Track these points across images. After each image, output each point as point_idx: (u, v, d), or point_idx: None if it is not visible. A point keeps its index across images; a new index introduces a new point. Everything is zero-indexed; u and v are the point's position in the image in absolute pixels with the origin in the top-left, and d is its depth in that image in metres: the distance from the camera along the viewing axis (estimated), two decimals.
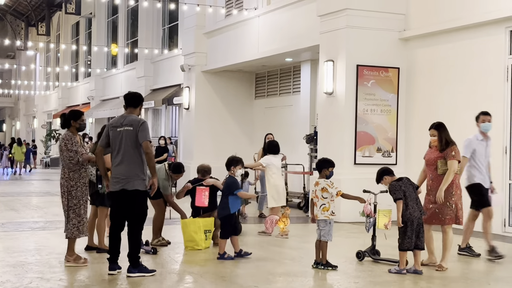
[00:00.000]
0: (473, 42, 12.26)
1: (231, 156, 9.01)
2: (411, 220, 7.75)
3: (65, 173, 8.03)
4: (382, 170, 8.16)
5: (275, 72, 19.67)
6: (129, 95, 7.74)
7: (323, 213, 7.90)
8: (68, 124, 8.19)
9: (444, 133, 8.32)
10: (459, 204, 8.14)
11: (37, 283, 6.90)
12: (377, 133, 13.49)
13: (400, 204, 7.75)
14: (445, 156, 8.11)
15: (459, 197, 8.17)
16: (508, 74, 11.55)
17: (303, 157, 16.66)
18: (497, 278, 7.70)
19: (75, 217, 7.97)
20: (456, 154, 8.14)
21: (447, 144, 8.18)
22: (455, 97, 12.62)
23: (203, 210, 9.70)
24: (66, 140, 8.01)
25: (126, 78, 29.05)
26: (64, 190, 8.01)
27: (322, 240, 7.92)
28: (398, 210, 7.74)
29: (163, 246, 9.50)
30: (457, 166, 8.09)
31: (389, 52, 13.61)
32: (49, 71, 44.11)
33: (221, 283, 7.05)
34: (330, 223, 7.92)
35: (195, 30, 20.07)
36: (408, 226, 7.75)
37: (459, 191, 8.17)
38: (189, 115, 20.37)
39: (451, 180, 8.03)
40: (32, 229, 11.30)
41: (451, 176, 8.02)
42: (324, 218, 7.89)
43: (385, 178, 8.03)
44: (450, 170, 8.02)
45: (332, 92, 13.52)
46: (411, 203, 7.80)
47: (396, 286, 7.20)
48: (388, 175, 8.06)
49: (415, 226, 7.76)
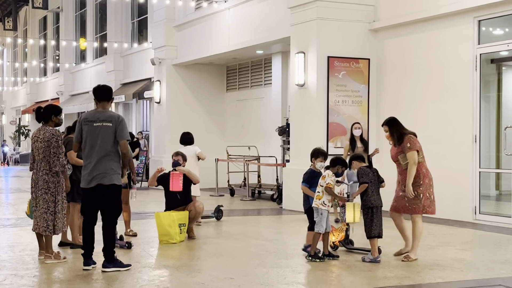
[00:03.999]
0: (441, 32, 12.39)
1: (315, 148, 8.64)
2: (376, 207, 7.87)
3: (50, 169, 7.86)
4: (353, 156, 8.29)
5: (246, 64, 19.68)
6: (100, 89, 7.61)
7: (315, 200, 7.95)
8: (46, 119, 8.03)
9: (395, 128, 8.18)
10: (427, 193, 8.01)
11: (11, 280, 6.84)
12: (348, 124, 13.55)
13: (363, 188, 7.89)
14: (403, 150, 8.03)
15: (428, 186, 8.03)
16: (477, 64, 11.70)
17: (275, 149, 16.72)
18: (469, 265, 7.82)
19: (61, 211, 7.90)
20: (412, 144, 7.98)
21: (401, 137, 8.08)
22: (424, 87, 12.75)
23: (177, 203, 9.71)
24: (57, 136, 7.83)
25: (95, 72, 28.81)
26: (49, 186, 7.84)
27: (315, 231, 7.94)
28: (359, 192, 7.91)
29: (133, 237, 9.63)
30: (416, 156, 7.94)
31: (359, 43, 13.69)
32: (17, 67, 43.56)
33: (197, 276, 7.06)
34: (321, 213, 7.93)
35: (165, 23, 19.97)
36: (374, 213, 7.87)
37: (427, 180, 8.03)
38: (161, 109, 20.29)
39: (414, 171, 7.92)
40: (4, 226, 11.18)
41: (413, 167, 7.91)
42: (315, 206, 7.94)
43: (354, 163, 8.12)
44: (411, 162, 7.91)
45: (303, 84, 13.57)
46: (375, 191, 7.93)
47: (371, 274, 7.27)
48: (357, 160, 8.15)
49: (379, 214, 7.89)
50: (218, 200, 15.96)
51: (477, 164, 11.70)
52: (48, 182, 7.87)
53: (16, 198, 16.69)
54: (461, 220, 11.64)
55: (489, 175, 12.05)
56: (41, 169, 7.91)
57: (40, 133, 7.99)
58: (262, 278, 6.96)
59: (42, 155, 7.90)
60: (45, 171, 7.88)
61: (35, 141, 8.00)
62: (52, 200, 7.86)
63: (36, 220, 7.97)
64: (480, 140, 11.72)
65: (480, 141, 11.72)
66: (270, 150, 17.20)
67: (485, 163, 11.82)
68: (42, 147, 7.90)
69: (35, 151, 8.03)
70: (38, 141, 7.96)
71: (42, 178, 7.89)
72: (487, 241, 9.76)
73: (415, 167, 7.93)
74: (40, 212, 7.90)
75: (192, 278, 6.95)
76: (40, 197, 7.90)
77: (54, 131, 7.93)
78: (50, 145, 7.85)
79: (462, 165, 11.72)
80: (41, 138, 7.93)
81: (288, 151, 14.98)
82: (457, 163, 11.86)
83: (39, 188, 7.90)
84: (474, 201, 11.67)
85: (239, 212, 13.45)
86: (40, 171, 7.91)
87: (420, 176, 8.00)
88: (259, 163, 16.63)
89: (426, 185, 8.03)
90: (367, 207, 7.93)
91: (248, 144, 17.97)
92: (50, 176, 7.87)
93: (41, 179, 7.89)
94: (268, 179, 17.19)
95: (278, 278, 6.98)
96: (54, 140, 7.83)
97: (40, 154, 7.92)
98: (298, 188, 13.55)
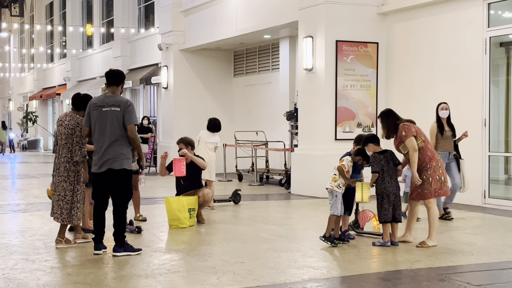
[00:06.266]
0: (450, 15, 12.31)
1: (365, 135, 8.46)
2: (387, 194, 7.85)
3: (71, 157, 7.82)
4: (369, 137, 8.16)
5: (253, 49, 19.61)
6: (111, 73, 7.59)
7: (331, 182, 7.95)
8: (79, 107, 7.99)
9: (388, 121, 8.04)
10: (436, 176, 7.86)
11: (22, 264, 6.87)
12: (357, 108, 13.55)
13: (374, 177, 7.88)
14: (401, 139, 7.91)
15: (435, 168, 7.87)
16: (487, 47, 11.62)
17: (283, 134, 16.69)
18: (480, 249, 7.81)
19: (79, 201, 7.90)
20: (407, 131, 7.82)
21: (396, 128, 7.96)
22: (433, 71, 12.69)
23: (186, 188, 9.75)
24: (82, 126, 7.75)
25: (102, 58, 28.78)
26: (69, 175, 7.82)
27: (330, 213, 7.94)
28: (371, 182, 7.91)
29: (142, 222, 9.72)
30: (414, 142, 7.80)
31: (368, 27, 13.62)
32: (24, 53, 43.55)
33: (208, 260, 7.07)
34: (336, 195, 7.92)
35: (172, 8, 19.90)
36: (385, 199, 7.86)
37: (434, 163, 7.88)
38: (168, 94, 20.28)
39: (416, 158, 7.80)
40: (14, 212, 11.22)
41: (414, 154, 7.79)
42: (330, 188, 7.93)
43: (369, 146, 8.05)
44: (411, 150, 7.80)
45: (311, 68, 13.52)
46: (388, 178, 7.88)
47: (381, 258, 7.27)
48: (373, 143, 8.04)
49: (392, 199, 7.86)
50: (226, 185, 15.99)
51: (487, 148, 11.66)
52: (68, 170, 7.84)
53: (25, 184, 16.75)
54: (470, 204, 11.62)
55: (498, 159, 12.01)
56: (62, 155, 7.88)
57: (66, 118, 7.96)
58: (272, 262, 6.97)
59: (64, 141, 7.87)
60: (67, 158, 7.85)
61: (60, 125, 7.97)
62: (70, 189, 7.84)
63: (52, 205, 8.00)
64: (489, 124, 11.68)
65: (489, 125, 11.68)
66: (278, 135, 17.18)
67: (494, 147, 11.79)
68: (65, 134, 7.87)
69: (58, 135, 8.00)
70: (62, 126, 7.92)
71: (63, 165, 7.86)
72: (497, 225, 9.74)
73: (416, 153, 7.81)
74: (56, 198, 7.91)
75: (203, 262, 6.96)
76: (59, 184, 7.89)
77: (80, 120, 7.88)
78: (73, 133, 7.82)
79: (472, 149, 11.67)
80: (66, 124, 7.90)
81: (296, 136, 14.96)
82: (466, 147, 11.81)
83: (60, 174, 7.88)
84: (484, 185, 11.65)
85: (247, 197, 13.45)
86: (62, 157, 7.88)
87: (426, 160, 7.89)
88: (267, 148, 16.62)
89: (433, 168, 7.89)
90: (378, 194, 7.92)
91: (256, 129, 17.95)
92: (71, 165, 7.85)
93: (63, 166, 7.86)
94: (276, 164, 17.19)
95: (289, 262, 6.99)
96: (79, 130, 7.80)
97: (62, 139, 7.89)
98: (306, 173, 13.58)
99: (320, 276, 6.37)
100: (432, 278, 6.35)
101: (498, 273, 6.74)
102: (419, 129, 8.01)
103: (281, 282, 6.13)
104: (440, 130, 10.19)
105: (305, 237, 8.53)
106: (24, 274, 6.44)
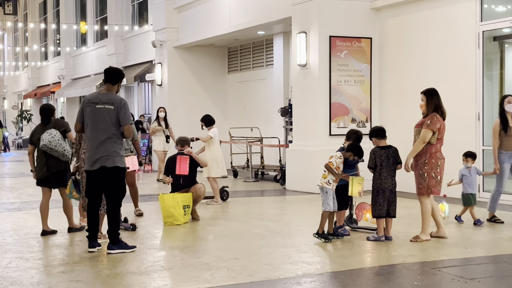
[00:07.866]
0: (444, 10, 12.32)
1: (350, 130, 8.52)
2: (382, 189, 7.88)
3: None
4: (375, 130, 8.14)
5: (247, 45, 19.59)
6: (110, 70, 7.55)
7: (320, 179, 7.95)
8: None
9: (433, 100, 7.94)
10: (432, 173, 7.80)
11: (16, 263, 6.87)
12: (351, 103, 13.55)
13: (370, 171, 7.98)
14: (422, 124, 7.85)
15: (434, 166, 7.81)
16: (480, 41, 11.64)
17: (278, 130, 16.70)
18: (474, 242, 7.83)
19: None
20: (432, 123, 7.75)
21: (434, 109, 7.87)
22: (427, 65, 12.70)
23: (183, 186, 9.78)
24: None
25: (96, 56, 28.73)
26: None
27: (322, 210, 7.94)
28: None
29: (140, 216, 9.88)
30: (429, 135, 7.73)
31: (361, 22, 13.62)
32: (18, 51, 43.44)
33: (202, 256, 7.08)
34: (326, 192, 7.92)
35: (165, 5, 19.86)
36: (380, 194, 7.88)
37: (433, 160, 7.80)
38: (162, 91, 20.25)
39: (420, 148, 7.74)
40: (9, 210, 11.21)
41: (420, 145, 7.74)
42: (320, 184, 7.94)
43: (373, 140, 8.06)
44: (420, 139, 7.74)
45: (305, 64, 13.52)
46: (385, 174, 7.90)
47: (375, 253, 7.29)
48: (377, 137, 8.04)
49: (387, 195, 7.87)
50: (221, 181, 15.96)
51: (481, 142, 11.68)
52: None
53: (19, 182, 16.71)
54: None
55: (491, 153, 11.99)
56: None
57: None
58: (266, 258, 6.98)
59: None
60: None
61: None
62: None
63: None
64: (483, 118, 11.69)
65: (483, 119, 11.69)
66: (273, 131, 17.18)
67: (488, 141, 11.79)
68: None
69: None
70: None
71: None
72: None
73: (422, 145, 7.75)
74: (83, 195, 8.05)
75: (197, 259, 6.97)
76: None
77: None
78: None
79: (465, 143, 11.67)
80: None
81: (290, 132, 14.96)
82: (460, 141, 11.83)
83: None
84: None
85: (242, 194, 13.46)
86: None
87: (427, 155, 7.81)
88: (261, 144, 16.62)
89: (432, 164, 7.81)
90: (373, 188, 7.95)
91: (251, 125, 17.94)
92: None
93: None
94: (271, 160, 17.19)
95: (283, 258, 6.99)
96: None
97: None
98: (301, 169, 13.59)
99: (314, 272, 6.39)
100: (425, 272, 6.37)
101: (491, 267, 6.76)
102: (443, 127, 7.90)
103: (275, 277, 6.14)
104: (504, 127, 9.16)
105: (299, 233, 8.54)
106: (18, 272, 6.44)
